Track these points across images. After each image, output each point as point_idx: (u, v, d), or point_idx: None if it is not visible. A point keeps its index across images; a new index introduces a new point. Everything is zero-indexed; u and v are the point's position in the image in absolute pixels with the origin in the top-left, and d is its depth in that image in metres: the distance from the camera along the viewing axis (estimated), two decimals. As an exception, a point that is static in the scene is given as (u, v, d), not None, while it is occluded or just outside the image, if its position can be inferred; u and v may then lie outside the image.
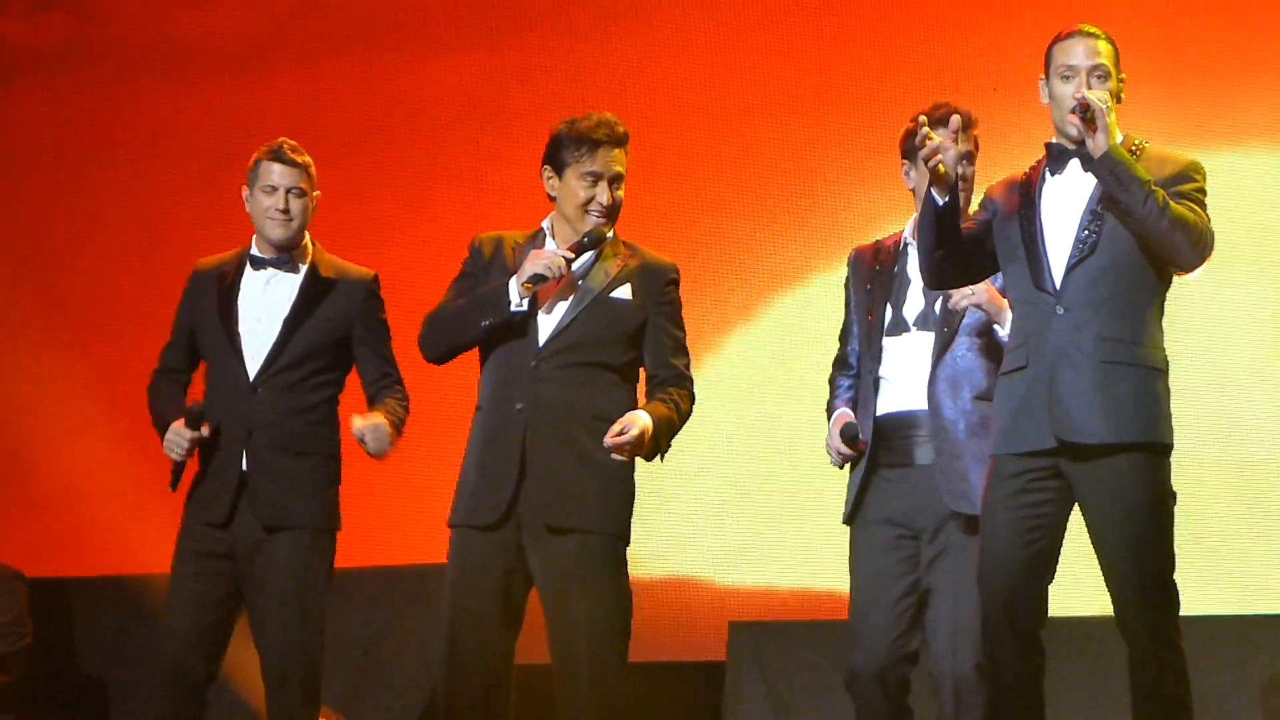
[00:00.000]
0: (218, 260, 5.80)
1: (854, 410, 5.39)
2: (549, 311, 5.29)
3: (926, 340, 5.30)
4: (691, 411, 5.41)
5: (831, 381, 5.54)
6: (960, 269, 5.09)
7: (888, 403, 5.32)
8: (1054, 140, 5.02)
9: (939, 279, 5.13)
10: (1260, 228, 7.22)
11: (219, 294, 5.70)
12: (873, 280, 5.42)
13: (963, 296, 5.18)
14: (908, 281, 5.37)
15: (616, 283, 5.33)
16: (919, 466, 5.26)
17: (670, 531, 7.72)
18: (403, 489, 7.73)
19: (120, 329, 8.23)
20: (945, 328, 5.28)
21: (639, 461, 5.30)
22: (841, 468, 5.40)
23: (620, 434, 5.15)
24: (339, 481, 5.69)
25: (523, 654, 5.30)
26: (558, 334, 5.27)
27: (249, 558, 5.56)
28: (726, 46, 8.03)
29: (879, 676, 5.25)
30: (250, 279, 5.70)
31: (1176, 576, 4.89)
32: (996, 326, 5.22)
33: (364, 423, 5.49)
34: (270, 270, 5.70)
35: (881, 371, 5.33)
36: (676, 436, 5.38)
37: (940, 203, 4.94)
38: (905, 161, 5.42)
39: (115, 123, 8.51)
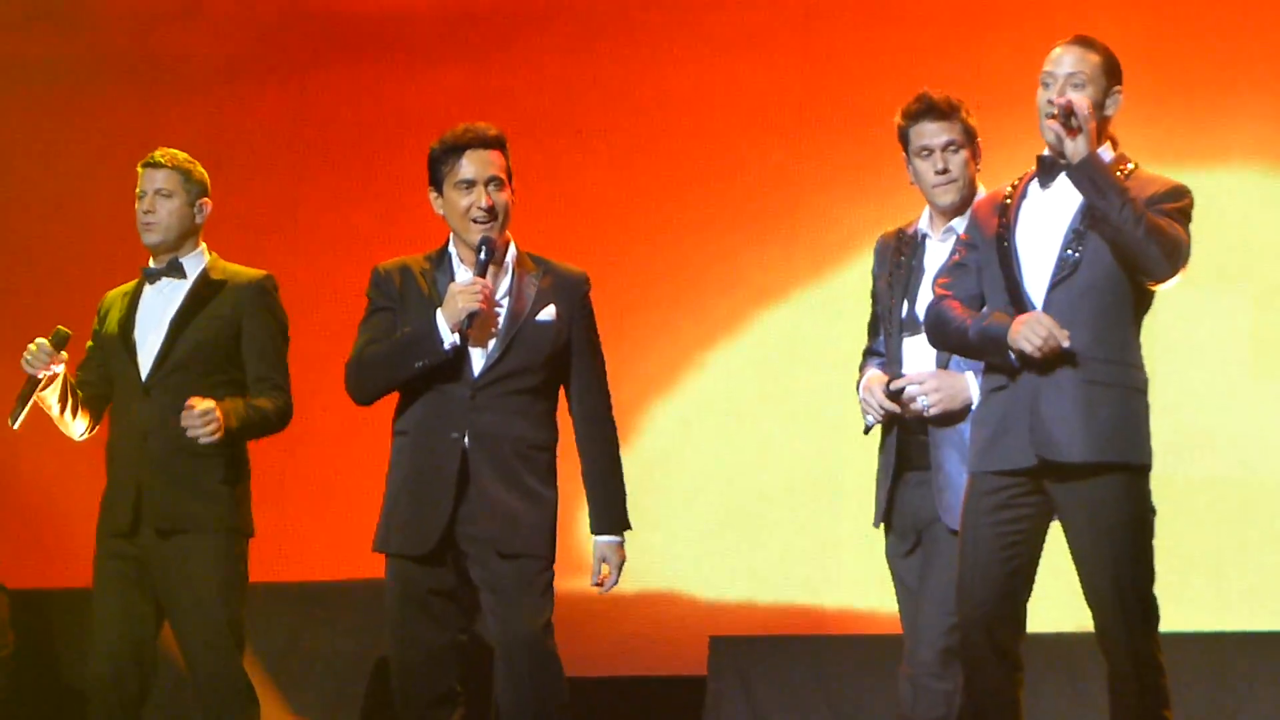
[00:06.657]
0: (123, 286, 5.84)
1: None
2: (477, 339, 5.25)
3: None
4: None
5: (862, 367, 5.46)
6: None
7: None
8: (1046, 153, 4.98)
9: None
10: (1239, 246, 7.25)
11: (121, 309, 5.73)
12: (893, 272, 5.38)
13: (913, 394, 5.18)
14: (921, 273, 5.33)
15: (540, 304, 5.31)
16: (928, 471, 5.24)
17: (653, 546, 7.70)
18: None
19: (104, 341, 8.22)
20: None
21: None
22: (869, 431, 5.34)
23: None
24: (244, 481, 5.66)
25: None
26: (493, 364, 5.25)
27: (160, 565, 5.55)
28: (712, 65, 8.05)
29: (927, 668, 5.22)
30: (147, 291, 5.75)
31: (1155, 592, 4.90)
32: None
33: (199, 404, 5.45)
34: (163, 280, 5.73)
35: (904, 372, 5.28)
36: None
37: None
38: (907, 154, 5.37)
39: (101, 135, 8.50)
